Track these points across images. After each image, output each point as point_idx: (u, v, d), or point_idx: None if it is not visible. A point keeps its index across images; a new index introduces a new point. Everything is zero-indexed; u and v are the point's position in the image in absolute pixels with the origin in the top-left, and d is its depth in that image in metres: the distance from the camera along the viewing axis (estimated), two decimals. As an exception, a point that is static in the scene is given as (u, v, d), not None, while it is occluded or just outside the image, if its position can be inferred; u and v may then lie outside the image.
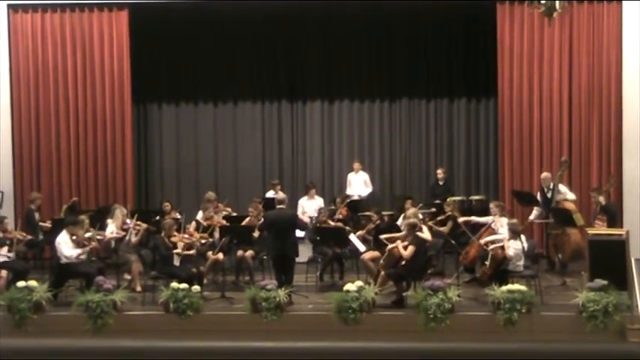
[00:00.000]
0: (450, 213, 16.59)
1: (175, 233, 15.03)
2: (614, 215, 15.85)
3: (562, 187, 16.50)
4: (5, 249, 14.95)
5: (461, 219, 15.99)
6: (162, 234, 14.81)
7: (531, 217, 16.87)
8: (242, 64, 20.64)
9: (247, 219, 16.41)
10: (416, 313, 13.16)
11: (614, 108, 17.94)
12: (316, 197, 18.57)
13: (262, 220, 15.51)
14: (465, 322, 13.07)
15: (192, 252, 14.91)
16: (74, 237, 14.50)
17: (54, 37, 18.68)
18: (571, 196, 16.48)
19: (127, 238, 15.65)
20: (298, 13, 19.68)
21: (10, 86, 18.64)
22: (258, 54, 20.67)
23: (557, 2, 12.74)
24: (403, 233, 14.50)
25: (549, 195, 16.35)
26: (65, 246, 14.38)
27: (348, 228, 16.22)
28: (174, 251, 14.59)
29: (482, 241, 14.61)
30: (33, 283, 13.88)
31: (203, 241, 15.37)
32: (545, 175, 16.79)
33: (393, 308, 13.77)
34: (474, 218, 16.11)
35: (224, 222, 16.31)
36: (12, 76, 18.65)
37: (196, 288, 13.70)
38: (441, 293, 13.11)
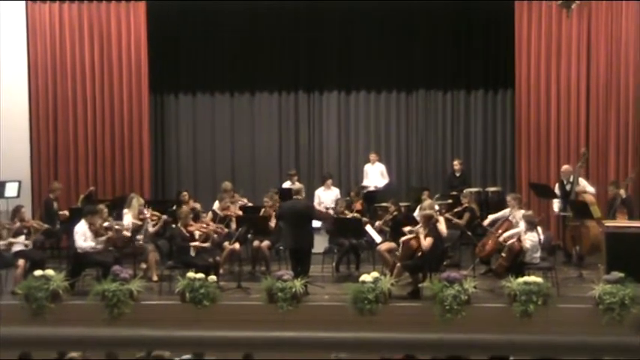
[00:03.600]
0: (466, 205, 16.57)
1: (192, 222, 15.06)
2: (632, 208, 15.79)
3: (581, 180, 16.43)
4: (22, 238, 14.99)
5: (486, 222, 15.90)
6: (179, 224, 14.84)
7: (555, 209, 16.78)
8: (259, 55, 20.61)
9: (263, 210, 16.43)
10: (432, 304, 13.16)
11: (632, 101, 17.88)
12: (333, 188, 18.56)
13: (278, 210, 15.55)
14: (480, 314, 13.08)
15: (207, 244, 14.92)
16: (92, 226, 14.55)
17: (72, 28, 18.73)
18: (590, 189, 16.42)
19: (144, 228, 15.70)
20: (316, 4, 19.68)
21: (27, 77, 18.73)
22: (276, 45, 20.67)
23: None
24: (419, 226, 14.46)
25: (568, 188, 16.29)
26: (80, 237, 14.42)
27: (365, 219, 16.22)
28: (192, 244, 14.60)
29: (500, 238, 14.53)
30: (50, 272, 13.93)
31: (219, 230, 15.40)
32: (565, 167, 16.72)
33: (409, 299, 13.77)
34: (491, 217, 15.99)
35: (240, 212, 16.33)
36: (30, 67, 18.74)
37: (213, 278, 13.74)
38: (457, 285, 13.11)
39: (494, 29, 20.05)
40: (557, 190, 16.58)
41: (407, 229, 14.72)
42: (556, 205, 16.71)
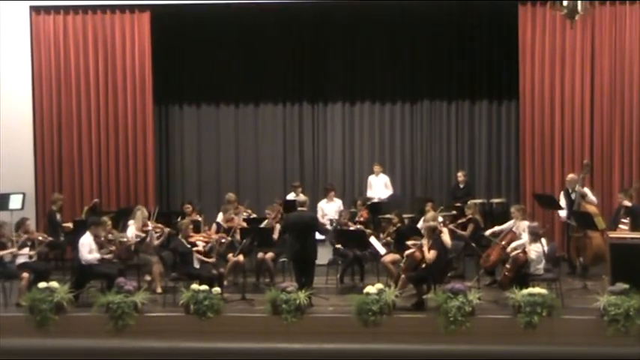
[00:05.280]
0: (470, 216, 16.56)
1: (192, 233, 15.07)
2: (637, 218, 15.75)
3: (587, 190, 16.38)
4: (27, 250, 15.00)
5: (488, 232, 15.91)
6: (179, 235, 14.86)
7: (562, 214, 16.72)
8: (263, 66, 20.65)
9: (265, 221, 16.44)
10: (436, 315, 13.14)
11: (637, 109, 17.88)
12: (335, 199, 18.54)
13: (283, 222, 15.55)
14: (485, 325, 13.04)
15: (211, 260, 14.90)
16: (97, 238, 14.57)
17: (76, 39, 18.76)
18: (592, 198, 16.38)
19: (148, 239, 15.71)
20: (320, 14, 19.74)
21: (31, 88, 18.75)
22: (280, 56, 20.69)
23: (579, 4, 12.72)
24: (424, 239, 14.46)
25: (573, 197, 16.27)
26: (85, 249, 14.43)
27: (369, 231, 16.20)
28: (195, 249, 14.59)
29: (509, 250, 14.49)
30: (54, 284, 13.93)
31: (223, 240, 15.39)
32: (571, 176, 16.68)
33: (414, 311, 13.73)
34: (496, 228, 15.95)
35: (244, 224, 16.32)
36: (34, 78, 18.76)
37: (217, 290, 13.72)
38: (462, 296, 13.09)
39: (498, 39, 20.07)
40: (562, 199, 16.55)
41: (410, 242, 14.70)
42: (562, 212, 16.67)
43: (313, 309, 13.86)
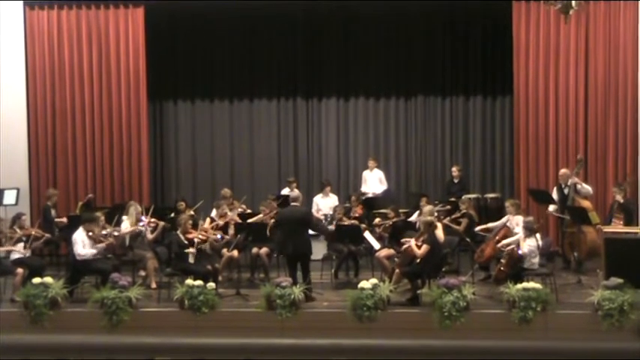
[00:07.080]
0: (465, 211, 16.57)
1: (192, 230, 15.04)
2: (631, 213, 15.78)
3: (580, 187, 16.40)
4: (21, 245, 14.97)
5: (478, 228, 15.92)
6: (179, 231, 14.81)
7: (550, 208, 16.78)
8: (258, 61, 20.65)
9: (259, 216, 16.41)
10: (431, 310, 13.14)
11: (631, 106, 17.89)
12: (331, 195, 18.53)
13: (276, 217, 15.53)
14: (479, 320, 13.05)
15: (206, 248, 14.90)
16: (90, 233, 14.54)
17: (70, 34, 18.74)
18: (587, 187, 16.37)
19: (142, 234, 15.68)
20: (314, 10, 19.72)
21: (25, 83, 18.72)
22: (274, 51, 20.68)
23: (573, 0, 12.71)
24: (420, 232, 14.45)
25: (566, 191, 16.31)
26: (80, 245, 14.41)
27: (363, 226, 16.19)
28: (187, 250, 14.51)
29: (499, 245, 14.51)
30: (49, 279, 13.92)
31: (219, 236, 15.37)
32: (563, 171, 16.73)
33: (408, 306, 13.74)
34: (490, 225, 15.95)
35: (238, 219, 16.30)
36: (28, 73, 18.74)
37: (211, 285, 13.71)
38: (456, 291, 13.09)
39: (492, 35, 20.09)
40: (554, 194, 16.59)
41: (404, 240, 14.70)
42: (551, 206, 16.72)
43: (308, 304, 13.86)
